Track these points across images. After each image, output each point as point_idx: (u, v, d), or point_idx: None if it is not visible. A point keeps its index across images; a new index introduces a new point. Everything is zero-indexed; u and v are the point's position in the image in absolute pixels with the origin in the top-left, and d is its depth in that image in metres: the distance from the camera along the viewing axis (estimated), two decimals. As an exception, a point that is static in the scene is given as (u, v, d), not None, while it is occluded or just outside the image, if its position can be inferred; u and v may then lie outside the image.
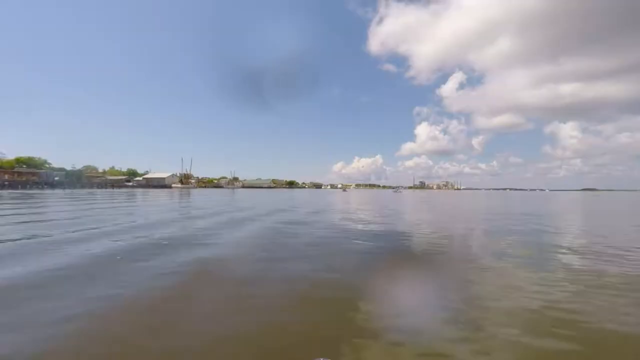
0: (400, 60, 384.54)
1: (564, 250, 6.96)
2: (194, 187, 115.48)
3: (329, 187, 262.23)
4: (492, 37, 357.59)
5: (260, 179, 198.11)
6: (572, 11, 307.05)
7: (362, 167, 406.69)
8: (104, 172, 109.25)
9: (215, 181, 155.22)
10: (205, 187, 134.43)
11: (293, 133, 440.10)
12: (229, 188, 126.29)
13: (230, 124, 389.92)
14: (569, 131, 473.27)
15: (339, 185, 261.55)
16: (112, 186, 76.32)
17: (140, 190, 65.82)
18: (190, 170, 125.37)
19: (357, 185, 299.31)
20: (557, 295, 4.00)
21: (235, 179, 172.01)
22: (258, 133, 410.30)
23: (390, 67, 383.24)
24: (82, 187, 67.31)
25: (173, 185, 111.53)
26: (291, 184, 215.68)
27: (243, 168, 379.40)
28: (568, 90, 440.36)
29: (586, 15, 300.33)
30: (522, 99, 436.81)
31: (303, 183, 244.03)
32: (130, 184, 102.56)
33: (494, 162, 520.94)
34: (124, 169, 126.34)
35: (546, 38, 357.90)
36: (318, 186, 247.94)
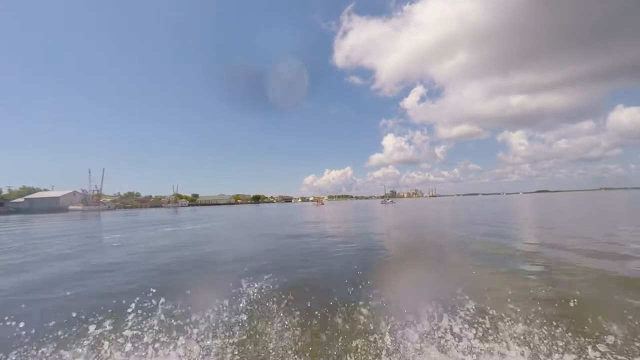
0: (366, 73, 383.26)
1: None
2: (108, 209, 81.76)
3: (299, 200, 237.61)
4: (450, 51, 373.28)
5: (223, 194, 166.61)
6: (519, 29, 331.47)
7: (333, 179, 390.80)
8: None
9: (163, 199, 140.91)
10: (140, 207, 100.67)
11: (263, 146, 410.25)
12: (169, 207, 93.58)
13: (194, 141, 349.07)
14: (517, 139, 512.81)
15: (311, 198, 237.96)
16: None
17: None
18: (101, 186, 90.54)
19: (330, 197, 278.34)
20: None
21: (197, 196, 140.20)
22: (225, 149, 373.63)
23: (356, 80, 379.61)
24: None
25: (71, 207, 77.24)
26: (257, 199, 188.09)
27: (206, 184, 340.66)
28: (516, 101, 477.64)
29: (530, 33, 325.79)
30: (477, 110, 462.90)
31: (271, 197, 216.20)
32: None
33: (455, 170, 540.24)
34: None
35: (497, 53, 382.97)
36: (288, 200, 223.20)
